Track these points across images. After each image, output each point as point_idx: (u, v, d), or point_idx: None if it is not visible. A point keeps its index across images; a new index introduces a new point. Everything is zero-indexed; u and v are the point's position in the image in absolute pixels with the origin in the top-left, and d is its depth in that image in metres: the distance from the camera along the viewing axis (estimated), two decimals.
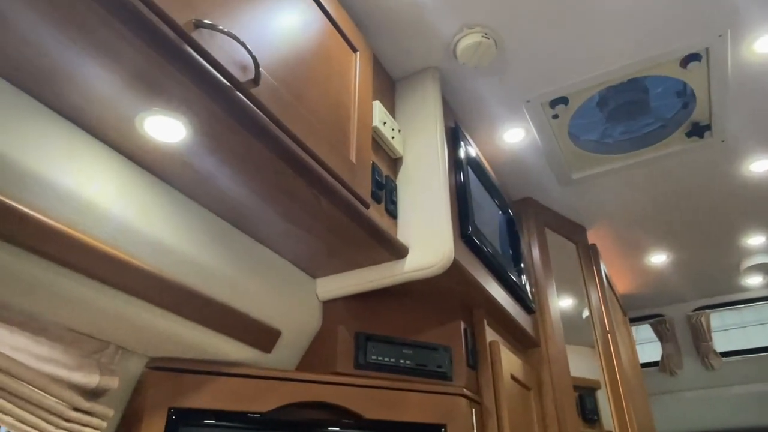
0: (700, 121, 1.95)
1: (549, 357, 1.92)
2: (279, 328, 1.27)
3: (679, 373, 3.44)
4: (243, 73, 0.87)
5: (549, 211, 2.36)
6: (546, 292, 2.04)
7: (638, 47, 1.61)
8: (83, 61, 0.76)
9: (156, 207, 1.00)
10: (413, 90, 1.63)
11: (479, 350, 1.54)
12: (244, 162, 0.96)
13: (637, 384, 2.60)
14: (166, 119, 0.86)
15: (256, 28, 0.95)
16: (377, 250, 1.28)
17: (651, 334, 3.59)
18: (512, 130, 1.93)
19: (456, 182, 1.52)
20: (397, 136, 1.47)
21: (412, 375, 1.36)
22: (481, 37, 1.52)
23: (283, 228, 1.17)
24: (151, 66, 0.77)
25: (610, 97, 1.87)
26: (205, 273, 1.08)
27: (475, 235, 1.46)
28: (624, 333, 2.65)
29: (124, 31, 0.71)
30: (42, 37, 0.72)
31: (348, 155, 1.17)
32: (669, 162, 2.13)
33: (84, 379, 0.96)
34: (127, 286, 0.96)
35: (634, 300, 3.35)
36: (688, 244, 2.75)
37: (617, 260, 2.87)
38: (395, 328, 1.42)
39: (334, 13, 1.27)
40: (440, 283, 1.36)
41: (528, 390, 1.73)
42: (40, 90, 0.82)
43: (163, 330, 1.06)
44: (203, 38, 0.80)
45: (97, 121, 0.88)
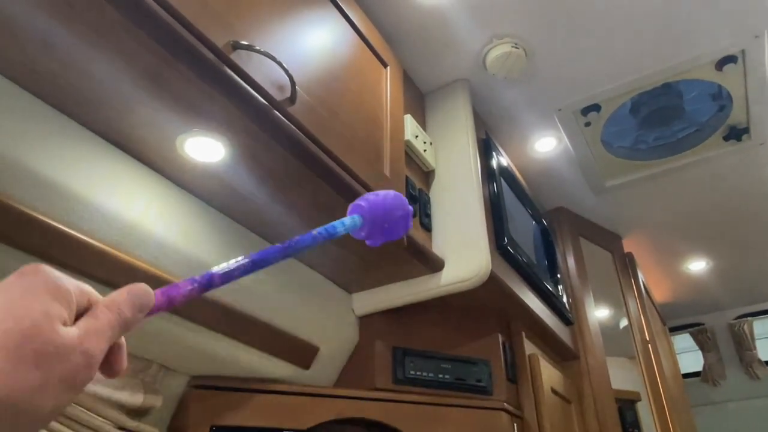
0: (738, 124, 1.90)
1: (589, 369, 1.88)
2: (317, 344, 1.27)
3: (722, 383, 3.34)
4: (280, 92, 0.87)
5: (583, 221, 2.33)
6: (583, 303, 2.01)
7: (671, 51, 1.59)
8: (128, 87, 0.77)
9: (196, 226, 1.01)
10: (444, 102, 1.63)
11: (518, 363, 1.52)
12: (282, 180, 0.97)
13: (680, 395, 2.53)
14: (206, 140, 0.88)
15: (290, 47, 0.96)
16: (413, 263, 1.28)
17: (691, 344, 3.49)
18: (544, 140, 1.91)
19: (489, 193, 1.51)
20: (428, 149, 1.47)
21: (451, 390, 1.34)
22: (511, 47, 1.51)
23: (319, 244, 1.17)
24: (191, 88, 0.78)
25: (643, 102, 1.84)
26: (244, 291, 1.09)
27: (510, 246, 1.44)
28: (664, 343, 2.59)
29: (166, 56, 0.72)
30: (89, 64, 0.74)
31: (382, 169, 1.17)
32: (706, 167, 2.08)
33: (129, 399, 0.97)
34: None
35: (672, 309, 3.26)
36: (727, 250, 2.68)
37: (654, 268, 2.80)
38: (433, 343, 1.41)
39: (364, 29, 1.28)
40: (477, 295, 1.34)
41: (569, 403, 1.70)
42: (86, 116, 0.84)
43: (203, 348, 1.06)
44: (241, 59, 0.81)
45: (140, 144, 0.90)
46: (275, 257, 0.52)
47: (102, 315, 0.39)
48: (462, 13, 1.45)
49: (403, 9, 1.44)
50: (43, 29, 0.69)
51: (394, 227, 0.73)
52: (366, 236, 0.69)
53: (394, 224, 0.73)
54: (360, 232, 0.69)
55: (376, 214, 0.69)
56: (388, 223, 0.71)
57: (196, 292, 0.44)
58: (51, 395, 0.34)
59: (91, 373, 0.37)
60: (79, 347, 0.36)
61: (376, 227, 0.70)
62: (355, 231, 0.67)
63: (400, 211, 0.73)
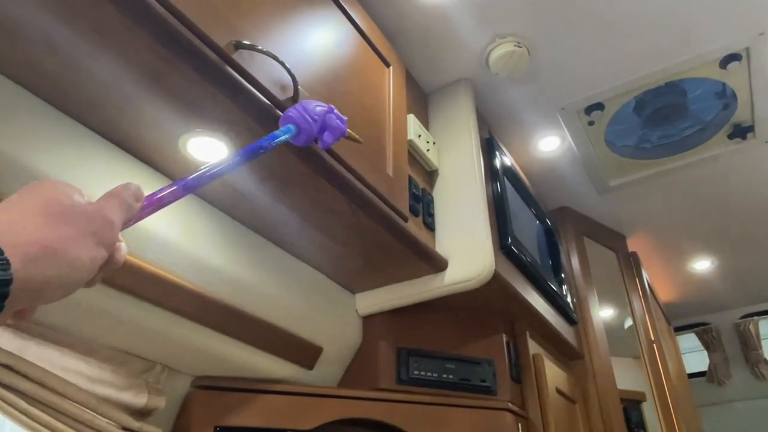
0: (742, 122, 1.89)
1: (594, 369, 1.87)
2: (320, 344, 1.27)
3: (728, 383, 3.32)
4: (282, 92, 0.87)
5: (587, 220, 2.32)
6: (587, 303, 2.00)
7: (675, 49, 1.58)
8: (130, 86, 0.77)
9: (198, 227, 1.01)
10: (446, 102, 1.62)
11: (523, 363, 1.51)
12: (284, 180, 0.97)
13: (686, 395, 2.51)
14: (209, 140, 0.88)
15: (292, 47, 0.96)
16: (416, 263, 1.27)
17: (696, 344, 3.48)
18: (547, 139, 1.90)
19: (493, 193, 1.51)
20: (432, 148, 1.47)
21: (455, 390, 1.34)
22: (514, 46, 1.51)
23: (322, 244, 1.17)
24: (193, 88, 0.78)
25: (647, 101, 1.83)
26: (247, 291, 1.09)
27: (514, 246, 1.44)
28: (669, 343, 2.57)
29: (168, 56, 0.72)
30: (91, 64, 0.74)
31: (385, 169, 1.17)
32: (710, 165, 2.07)
33: (133, 399, 0.97)
34: (171, 305, 0.97)
35: (678, 309, 3.25)
36: (732, 249, 2.67)
37: (659, 268, 2.79)
38: (436, 343, 1.40)
39: (367, 28, 1.28)
40: (481, 295, 1.33)
41: (574, 403, 1.69)
42: (87, 115, 0.84)
43: (207, 349, 1.06)
44: (243, 59, 0.81)
45: (142, 143, 0.90)
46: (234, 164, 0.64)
47: (108, 197, 0.47)
48: (464, 13, 1.44)
49: (406, 8, 1.43)
50: (45, 29, 0.69)
51: (328, 122, 0.85)
52: (306, 138, 0.81)
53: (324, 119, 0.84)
54: (299, 138, 0.80)
55: (302, 114, 0.82)
56: (315, 119, 0.82)
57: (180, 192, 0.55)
58: (83, 246, 0.41)
59: (114, 234, 0.45)
60: (98, 213, 0.44)
61: (309, 125, 0.83)
62: (295, 138, 0.82)
63: (318, 106, 0.85)
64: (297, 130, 0.82)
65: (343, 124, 0.92)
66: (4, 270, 0.34)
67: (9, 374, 0.81)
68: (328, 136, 0.89)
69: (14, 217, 0.39)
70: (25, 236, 0.38)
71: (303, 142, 0.84)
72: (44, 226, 0.39)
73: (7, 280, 0.34)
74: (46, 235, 0.39)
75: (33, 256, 0.37)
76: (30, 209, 0.40)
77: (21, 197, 0.41)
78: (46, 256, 0.38)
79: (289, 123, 0.83)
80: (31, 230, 0.38)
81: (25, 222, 0.39)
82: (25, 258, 0.36)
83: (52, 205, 0.41)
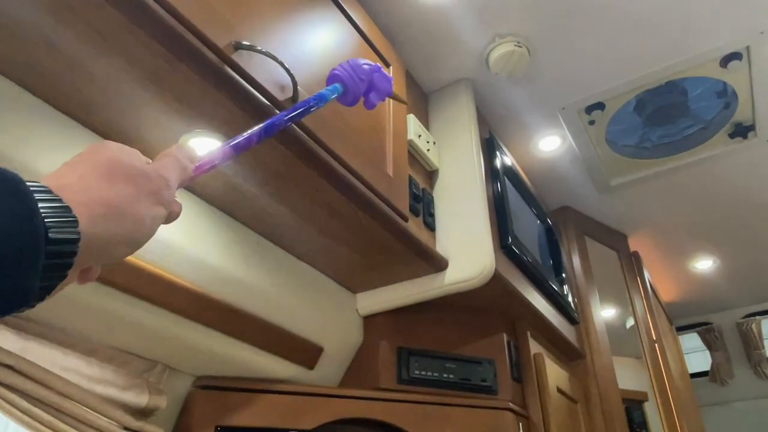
0: (743, 121, 1.89)
1: (595, 369, 1.87)
2: (321, 344, 1.27)
3: (731, 382, 3.31)
4: (282, 92, 0.88)
5: (588, 220, 2.32)
6: (589, 302, 2.00)
7: (675, 49, 1.58)
8: (130, 88, 0.78)
9: (199, 227, 1.01)
10: (447, 102, 1.62)
11: (523, 363, 1.51)
12: (284, 180, 0.97)
13: (688, 395, 2.51)
14: (209, 140, 0.88)
15: (292, 47, 0.96)
16: (416, 263, 1.28)
17: (698, 343, 3.47)
18: (548, 138, 1.90)
19: (493, 193, 1.51)
20: (432, 148, 1.47)
21: (456, 389, 1.34)
22: (514, 46, 1.51)
23: (323, 244, 1.18)
24: (193, 89, 0.78)
25: (647, 100, 1.83)
26: (248, 291, 1.09)
27: (515, 246, 1.44)
28: (671, 342, 2.57)
29: (168, 57, 0.73)
30: (91, 66, 0.74)
31: (385, 169, 1.17)
32: (712, 164, 2.07)
33: (134, 399, 0.98)
34: (173, 305, 0.97)
35: (679, 308, 3.24)
36: (734, 248, 2.66)
37: (661, 267, 2.79)
38: (437, 342, 1.41)
39: (366, 28, 1.28)
40: (481, 295, 1.34)
41: (575, 403, 1.69)
42: (88, 116, 0.84)
43: (208, 348, 1.07)
44: (243, 59, 0.81)
45: (143, 144, 0.89)
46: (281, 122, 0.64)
47: (164, 157, 0.49)
48: (464, 13, 1.44)
49: (406, 8, 1.44)
50: (46, 31, 0.69)
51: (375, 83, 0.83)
52: (353, 98, 0.80)
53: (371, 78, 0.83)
54: (347, 97, 0.79)
55: (350, 72, 0.79)
56: (363, 78, 0.81)
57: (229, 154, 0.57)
58: (144, 205, 0.43)
59: (172, 193, 0.47)
60: (155, 172, 0.46)
61: (356, 85, 0.80)
62: (342, 97, 0.78)
63: (366, 65, 0.83)
64: (344, 89, 0.81)
65: (389, 84, 0.90)
66: (72, 227, 0.35)
67: (11, 374, 0.82)
68: (374, 96, 0.87)
69: (79, 177, 0.40)
70: (91, 195, 0.39)
71: (350, 103, 0.83)
72: (107, 185, 0.41)
73: (75, 238, 0.35)
74: (109, 194, 0.40)
75: (99, 214, 0.39)
76: (93, 170, 0.41)
77: (83, 158, 0.42)
78: (111, 214, 0.40)
79: (336, 82, 0.82)
80: (95, 190, 0.40)
81: (89, 182, 0.40)
82: (91, 216, 0.38)
83: (114, 166, 0.42)
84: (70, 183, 0.39)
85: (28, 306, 0.34)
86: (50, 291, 0.36)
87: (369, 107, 0.89)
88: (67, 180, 0.39)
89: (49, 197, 0.35)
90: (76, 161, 0.42)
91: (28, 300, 0.33)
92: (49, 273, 0.34)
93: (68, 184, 0.39)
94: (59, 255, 0.35)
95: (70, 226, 0.35)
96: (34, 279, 0.33)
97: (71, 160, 0.42)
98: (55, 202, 0.35)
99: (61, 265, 0.35)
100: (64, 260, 0.35)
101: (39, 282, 0.33)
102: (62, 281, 0.36)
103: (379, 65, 0.89)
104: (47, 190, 0.36)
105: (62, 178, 0.40)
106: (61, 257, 0.35)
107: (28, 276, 0.32)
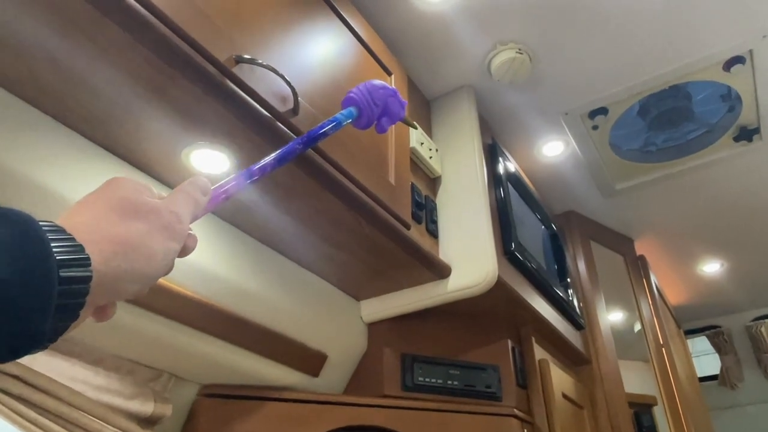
0: (748, 124, 1.88)
1: (601, 374, 1.86)
2: (325, 351, 1.28)
3: (740, 386, 3.29)
4: (282, 104, 0.89)
5: (593, 224, 2.32)
6: (594, 307, 1.99)
7: (677, 53, 1.58)
8: (133, 102, 0.79)
9: (203, 237, 1.02)
10: (449, 109, 1.63)
11: (528, 369, 1.51)
12: (286, 190, 0.98)
13: (696, 399, 2.50)
14: (211, 152, 0.89)
15: (292, 59, 0.97)
16: (420, 270, 1.28)
17: (708, 346, 3.45)
18: (551, 144, 1.91)
19: (496, 199, 1.51)
20: (434, 155, 1.48)
21: (460, 396, 1.34)
22: (515, 52, 1.52)
23: (326, 252, 1.19)
24: (195, 102, 0.79)
25: (651, 105, 1.83)
26: (252, 300, 1.10)
27: (518, 252, 1.44)
28: (679, 346, 2.56)
29: (170, 71, 0.74)
30: (94, 81, 0.76)
31: (387, 177, 1.18)
32: (717, 168, 2.06)
33: (140, 408, 0.99)
34: (178, 315, 0.98)
35: (688, 311, 3.23)
36: (742, 251, 2.65)
37: (668, 271, 2.78)
38: (441, 349, 1.41)
39: (367, 38, 1.29)
40: (485, 301, 1.34)
41: (581, 408, 1.69)
42: (92, 131, 0.85)
43: (213, 357, 1.08)
44: (243, 73, 0.82)
45: (146, 157, 0.91)
46: (296, 149, 0.65)
47: (176, 192, 0.50)
48: (465, 20, 1.45)
49: (407, 17, 1.45)
50: (50, 48, 0.71)
51: (389, 107, 0.84)
52: (366, 122, 0.80)
53: (386, 103, 0.83)
54: (360, 121, 0.80)
55: (365, 97, 0.80)
56: (378, 104, 0.81)
57: (243, 184, 0.57)
58: (156, 240, 0.43)
59: (184, 228, 0.48)
60: (166, 208, 0.46)
61: (371, 110, 0.81)
62: (356, 121, 0.79)
63: (382, 89, 0.84)
64: (359, 113, 0.82)
65: (403, 109, 0.90)
66: (84, 267, 0.36)
67: (18, 384, 0.83)
68: (386, 121, 0.87)
69: (90, 215, 0.41)
70: (102, 233, 0.39)
71: (363, 126, 0.83)
72: (119, 222, 0.41)
73: (87, 276, 0.36)
74: (120, 231, 0.41)
75: (111, 251, 0.39)
76: (104, 207, 0.42)
77: (95, 197, 0.43)
78: (122, 251, 0.40)
79: (351, 105, 0.82)
80: (106, 227, 0.40)
81: (100, 220, 0.41)
82: (103, 253, 0.38)
83: (125, 203, 0.43)
84: (83, 222, 0.40)
85: (40, 348, 0.34)
86: (63, 331, 0.35)
87: (380, 131, 0.89)
88: (79, 218, 0.40)
89: (62, 236, 0.36)
90: (89, 200, 0.43)
91: (41, 342, 0.33)
92: (61, 314, 0.34)
93: (80, 223, 0.39)
94: (71, 294, 0.35)
95: (82, 265, 0.35)
96: (46, 320, 0.33)
97: (84, 198, 0.43)
98: (68, 242, 0.36)
99: (73, 305, 0.35)
100: (76, 300, 0.35)
101: (52, 323, 0.33)
102: (74, 321, 0.36)
103: (395, 89, 0.89)
104: (60, 229, 0.36)
105: (75, 217, 0.40)
106: (73, 296, 0.35)
107: (42, 318, 0.32)
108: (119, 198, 0.43)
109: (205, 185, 0.53)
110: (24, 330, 0.31)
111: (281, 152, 0.63)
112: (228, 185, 0.56)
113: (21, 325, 0.31)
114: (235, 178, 0.57)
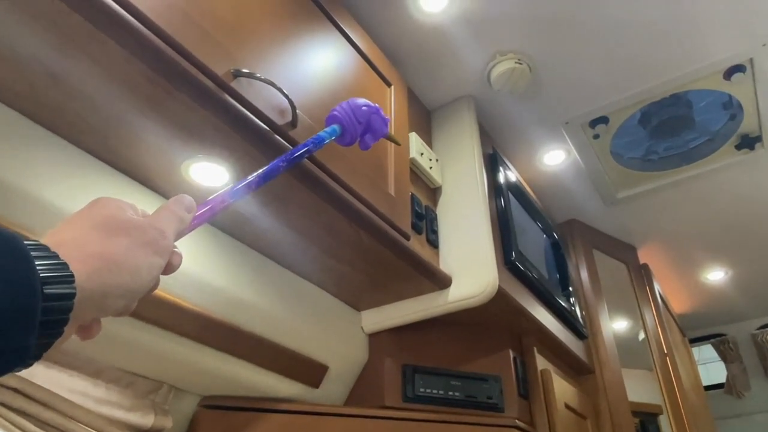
0: (750, 132, 1.88)
1: (605, 383, 1.85)
2: (326, 363, 1.28)
3: (747, 395, 3.26)
4: (281, 117, 0.89)
5: (596, 232, 2.31)
6: (597, 316, 1.99)
7: (677, 62, 1.58)
8: (132, 116, 0.80)
9: (202, 249, 1.03)
10: (449, 119, 1.64)
11: (530, 379, 1.50)
12: (285, 202, 0.98)
13: (702, 408, 2.48)
14: (210, 165, 0.90)
15: (291, 72, 0.98)
16: (420, 281, 1.28)
17: (714, 354, 3.42)
18: (552, 153, 1.91)
19: (497, 208, 1.51)
20: (434, 165, 1.48)
21: (461, 407, 1.33)
22: (515, 63, 1.52)
23: (326, 264, 1.19)
24: (194, 116, 0.80)
25: (652, 113, 1.83)
26: (252, 311, 1.10)
27: (519, 262, 1.44)
28: (684, 355, 2.54)
29: (168, 86, 0.75)
30: (94, 95, 0.76)
31: (386, 189, 1.18)
32: (719, 176, 2.06)
33: (140, 420, 0.99)
34: (177, 327, 0.98)
35: (692, 320, 3.21)
36: (746, 259, 2.63)
37: (672, 279, 2.76)
38: (442, 359, 1.40)
39: (367, 49, 1.30)
40: (486, 311, 1.34)
41: (584, 419, 1.68)
42: (93, 145, 0.86)
43: (213, 369, 1.08)
44: (242, 87, 0.83)
45: (146, 170, 0.92)
46: (279, 167, 0.66)
47: (160, 210, 0.51)
48: (465, 31, 1.46)
49: (406, 28, 1.45)
50: (49, 63, 0.71)
51: (372, 124, 0.85)
52: (350, 140, 0.82)
53: (369, 120, 0.85)
54: (344, 138, 0.81)
55: (348, 115, 0.81)
56: (361, 121, 0.83)
57: (228, 201, 0.58)
58: (140, 255, 0.44)
59: (168, 244, 0.48)
60: (150, 225, 0.47)
61: (354, 127, 0.85)
62: (339, 138, 0.80)
63: (365, 106, 0.85)
64: (342, 130, 0.83)
65: (385, 126, 0.92)
66: (68, 283, 0.36)
67: (17, 397, 0.83)
68: (369, 138, 0.89)
69: (74, 233, 0.41)
70: (86, 250, 0.40)
71: (347, 143, 0.85)
72: (103, 239, 0.42)
73: (71, 293, 0.36)
74: (104, 247, 0.42)
75: (94, 268, 0.40)
76: (88, 225, 0.43)
77: (79, 216, 0.44)
78: (106, 267, 0.41)
79: (335, 123, 0.83)
80: (90, 244, 0.41)
81: (84, 237, 0.41)
82: (87, 270, 0.39)
83: (109, 221, 0.44)
84: (67, 239, 0.40)
85: (24, 365, 0.34)
86: (47, 348, 0.36)
87: (363, 148, 0.91)
88: (63, 236, 0.41)
89: (45, 254, 0.36)
90: (74, 219, 0.43)
91: (25, 359, 0.34)
92: (45, 330, 0.34)
93: (64, 240, 0.40)
94: (55, 311, 0.35)
95: (65, 281, 0.36)
96: (30, 338, 0.33)
97: (69, 217, 0.44)
98: (52, 259, 0.36)
99: (57, 321, 0.35)
100: (61, 316, 0.35)
101: (36, 339, 0.34)
102: (58, 338, 0.36)
103: (378, 106, 0.91)
104: (44, 247, 0.37)
105: (59, 235, 0.41)
106: (57, 313, 0.35)
107: (25, 335, 0.33)
108: (103, 216, 0.44)
109: (189, 203, 0.54)
110: (8, 346, 0.32)
111: (265, 170, 0.64)
112: (213, 203, 0.57)
113: (4, 341, 0.31)
114: (219, 195, 0.58)
